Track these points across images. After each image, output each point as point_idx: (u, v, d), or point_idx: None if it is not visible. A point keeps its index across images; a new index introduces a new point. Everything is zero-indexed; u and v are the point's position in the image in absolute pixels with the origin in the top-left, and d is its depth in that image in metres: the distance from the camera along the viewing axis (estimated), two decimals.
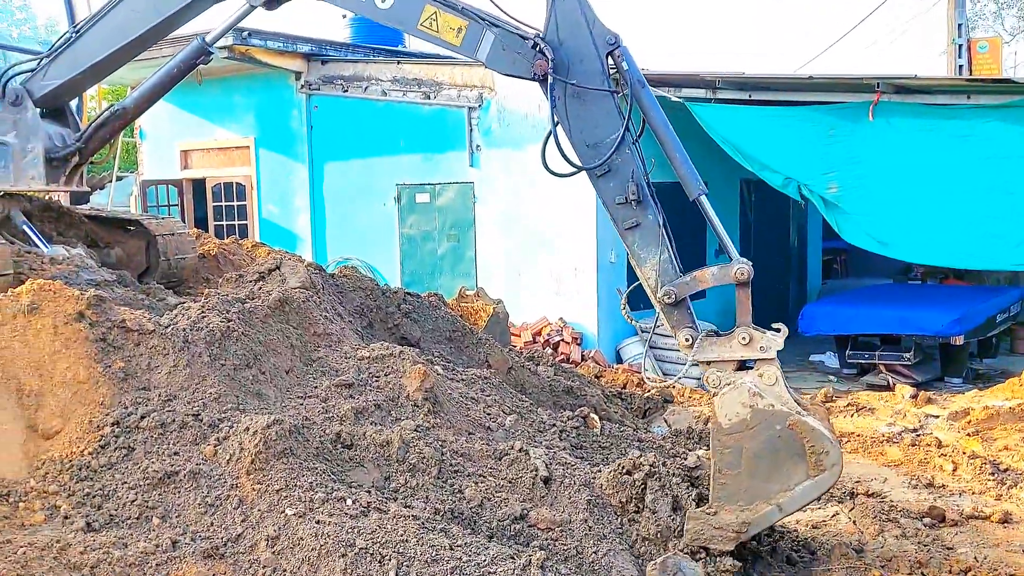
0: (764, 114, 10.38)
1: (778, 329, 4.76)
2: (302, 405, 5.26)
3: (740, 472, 4.66)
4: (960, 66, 16.07)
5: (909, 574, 5.06)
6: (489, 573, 4.05)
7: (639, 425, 7.64)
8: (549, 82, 4.93)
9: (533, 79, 5.03)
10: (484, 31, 5.10)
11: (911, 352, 10.84)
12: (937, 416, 8.59)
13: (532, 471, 4.98)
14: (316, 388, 5.50)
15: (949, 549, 5.46)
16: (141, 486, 4.36)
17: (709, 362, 4.82)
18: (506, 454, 5.10)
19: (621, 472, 4.99)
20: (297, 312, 6.08)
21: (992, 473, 6.81)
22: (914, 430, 8.13)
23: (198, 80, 13.57)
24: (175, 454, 4.55)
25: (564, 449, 5.61)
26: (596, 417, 6.39)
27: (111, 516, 4.21)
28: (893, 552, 5.33)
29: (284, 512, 4.20)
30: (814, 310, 11.95)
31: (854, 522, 5.84)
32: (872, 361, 11.20)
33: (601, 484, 4.98)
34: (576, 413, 6.30)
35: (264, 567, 4.01)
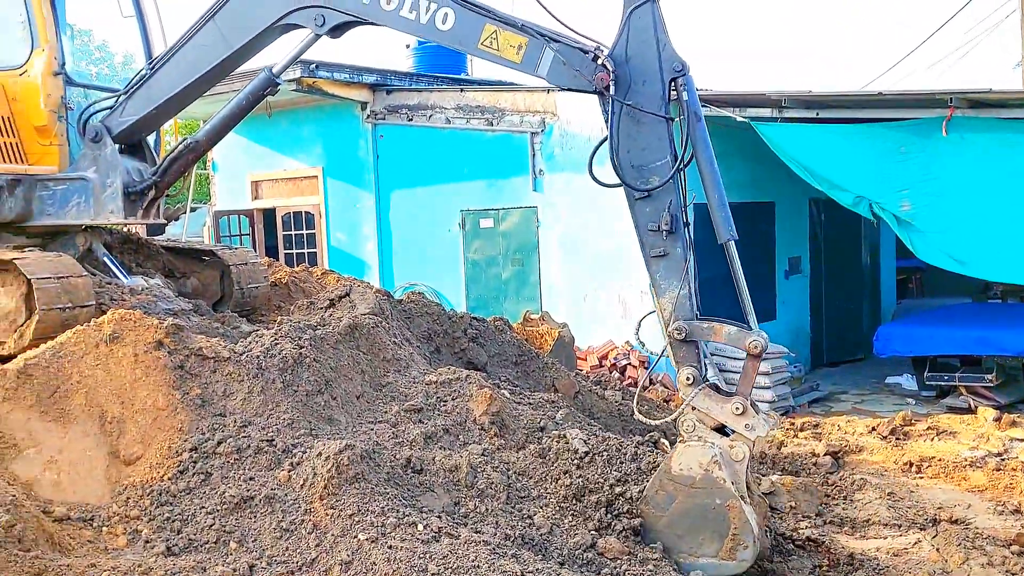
0: (833, 132, 10.20)
1: (770, 416, 4.79)
2: (373, 430, 5.31)
3: (662, 516, 4.84)
4: None
5: None
6: None
7: None
8: (609, 95, 4.93)
9: (593, 92, 5.04)
10: (544, 47, 5.12)
11: (993, 373, 10.47)
12: (1022, 439, 8.27)
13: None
14: (386, 413, 5.55)
15: None
16: (218, 511, 4.44)
17: (695, 408, 4.87)
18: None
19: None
20: (367, 338, 6.16)
21: None
22: (998, 454, 7.84)
23: (267, 112, 13.92)
24: (251, 479, 4.62)
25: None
26: (667, 442, 6.30)
27: (190, 540, 4.30)
28: None
29: (357, 537, 4.23)
30: (890, 331, 11.64)
31: (937, 550, 5.64)
32: (952, 383, 10.85)
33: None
34: (646, 438, 6.23)
35: None
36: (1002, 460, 7.53)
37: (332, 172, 14.46)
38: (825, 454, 7.74)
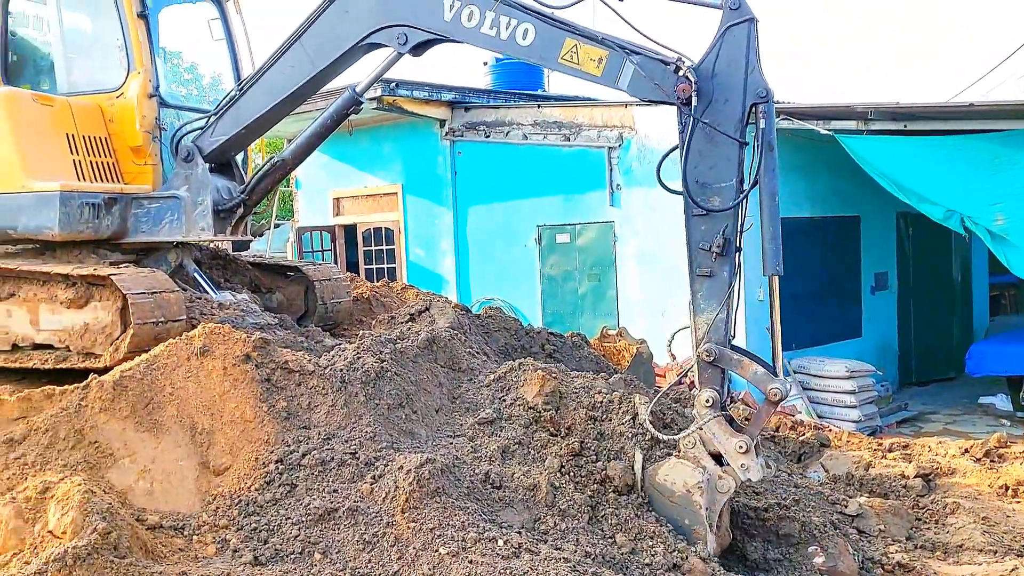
0: (921, 144, 9.93)
1: (768, 466, 5.06)
2: (452, 443, 5.34)
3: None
4: None
5: None
6: None
7: (794, 470, 7.33)
8: (688, 107, 4.89)
9: (675, 103, 5.00)
10: (624, 60, 5.10)
11: None
12: None
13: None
14: (462, 426, 5.58)
15: None
16: (303, 522, 4.51)
17: (701, 428, 4.95)
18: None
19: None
20: (444, 350, 6.21)
21: None
22: None
23: (349, 131, 14.21)
24: (334, 491, 4.69)
25: None
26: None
27: (276, 550, 4.38)
28: None
29: (438, 551, 4.25)
30: (982, 349, 11.25)
31: None
32: None
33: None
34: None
35: None
36: None
37: (411, 189, 14.67)
38: (916, 476, 7.46)
